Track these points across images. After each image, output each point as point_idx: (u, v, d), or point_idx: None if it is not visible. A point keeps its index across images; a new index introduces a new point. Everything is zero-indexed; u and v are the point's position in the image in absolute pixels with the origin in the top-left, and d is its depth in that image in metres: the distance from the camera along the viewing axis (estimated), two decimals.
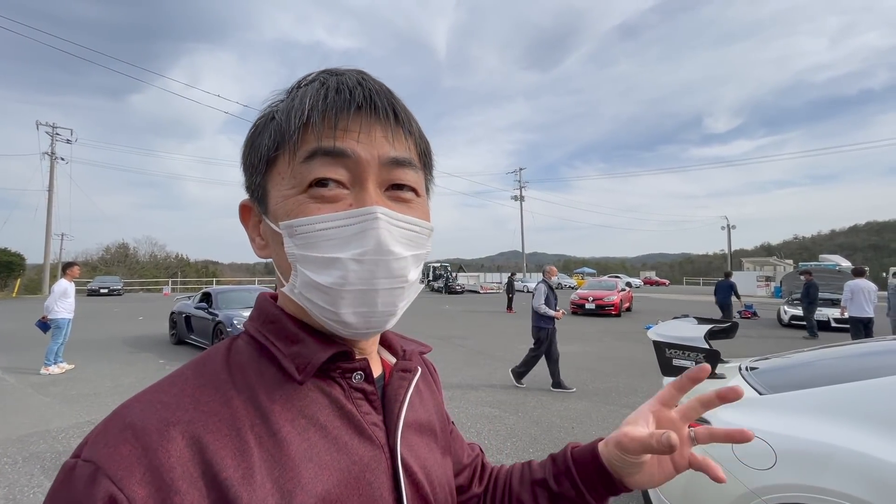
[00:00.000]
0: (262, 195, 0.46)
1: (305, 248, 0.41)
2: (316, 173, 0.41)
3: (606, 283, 18.52)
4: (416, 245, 0.44)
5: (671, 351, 2.50)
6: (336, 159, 0.41)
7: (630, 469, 0.54)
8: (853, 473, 1.69)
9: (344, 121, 0.42)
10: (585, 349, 9.37)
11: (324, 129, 0.42)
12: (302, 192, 0.42)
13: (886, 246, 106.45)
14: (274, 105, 0.47)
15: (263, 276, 61.99)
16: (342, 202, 0.42)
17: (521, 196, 47.58)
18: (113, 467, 0.35)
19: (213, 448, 0.37)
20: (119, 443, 0.36)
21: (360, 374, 0.47)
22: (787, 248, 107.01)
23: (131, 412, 0.38)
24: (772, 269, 32.30)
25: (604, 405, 5.47)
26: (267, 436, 0.40)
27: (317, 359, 0.43)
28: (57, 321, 7.03)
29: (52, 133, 31.03)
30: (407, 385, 0.51)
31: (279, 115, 0.44)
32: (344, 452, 0.43)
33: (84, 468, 0.36)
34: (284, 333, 0.46)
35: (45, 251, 30.76)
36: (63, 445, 4.10)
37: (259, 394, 0.42)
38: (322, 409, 0.44)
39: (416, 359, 0.56)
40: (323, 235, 0.41)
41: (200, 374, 0.43)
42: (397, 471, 0.46)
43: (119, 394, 5.80)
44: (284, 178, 0.43)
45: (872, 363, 2.42)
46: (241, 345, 0.47)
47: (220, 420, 0.39)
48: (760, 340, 10.67)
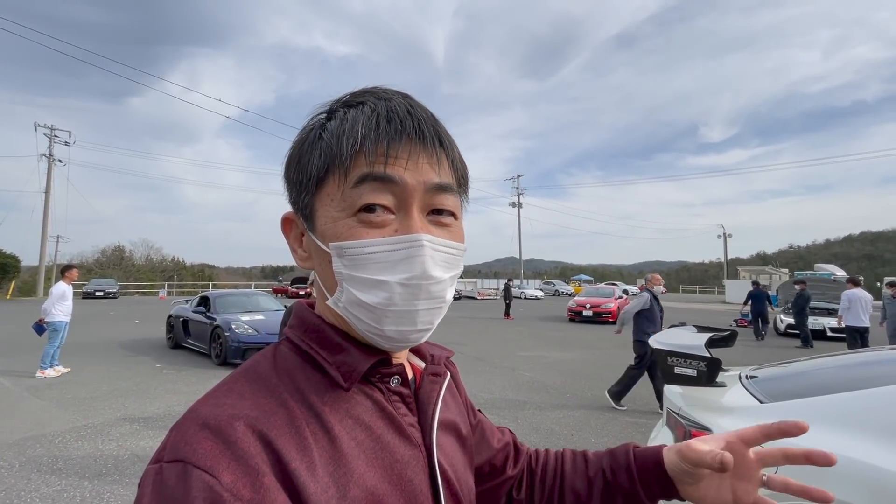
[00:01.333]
0: (310, 213, 0.48)
1: (353, 268, 0.44)
2: (366, 199, 0.43)
3: (603, 291, 18.56)
4: (453, 267, 0.47)
5: (673, 359, 2.52)
6: (385, 185, 0.44)
7: (686, 479, 0.57)
8: (853, 482, 1.71)
9: (394, 149, 0.44)
10: (583, 356, 9.38)
11: (375, 156, 0.44)
12: (351, 216, 0.44)
13: (880, 256, 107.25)
14: (316, 121, 0.49)
15: (259, 280, 61.75)
16: (389, 227, 0.44)
17: (518, 203, 47.73)
18: (201, 460, 0.36)
19: (279, 442, 0.39)
20: (199, 440, 0.38)
21: (397, 378, 0.50)
22: (782, 256, 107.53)
23: (201, 415, 0.40)
24: (767, 277, 32.47)
25: (602, 412, 5.47)
26: (321, 433, 0.42)
27: (361, 367, 0.46)
28: (54, 324, 6.99)
29: (51, 135, 30.99)
30: (438, 388, 0.54)
31: (329, 136, 0.46)
32: (387, 451, 0.46)
33: (172, 468, 0.37)
34: (328, 343, 0.48)
35: (40, 253, 30.60)
36: (60, 450, 4.08)
37: (309, 396, 0.44)
38: (366, 410, 0.47)
39: (443, 363, 0.59)
40: (371, 259, 0.43)
41: (253, 380, 0.45)
42: (434, 469, 0.49)
43: (116, 398, 5.77)
44: (334, 199, 0.45)
45: (871, 373, 2.45)
46: (286, 351, 0.49)
47: (279, 418, 0.41)
48: (758, 349, 10.71)
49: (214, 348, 8.12)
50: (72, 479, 3.50)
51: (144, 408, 5.38)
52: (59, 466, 3.73)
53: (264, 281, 56.63)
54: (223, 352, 7.79)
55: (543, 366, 8.31)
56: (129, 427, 4.69)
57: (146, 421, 4.89)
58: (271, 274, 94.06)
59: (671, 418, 2.53)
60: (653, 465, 0.61)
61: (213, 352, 8.13)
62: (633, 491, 0.62)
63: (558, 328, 14.74)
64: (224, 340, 7.79)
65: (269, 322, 8.13)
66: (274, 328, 7.84)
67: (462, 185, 0.51)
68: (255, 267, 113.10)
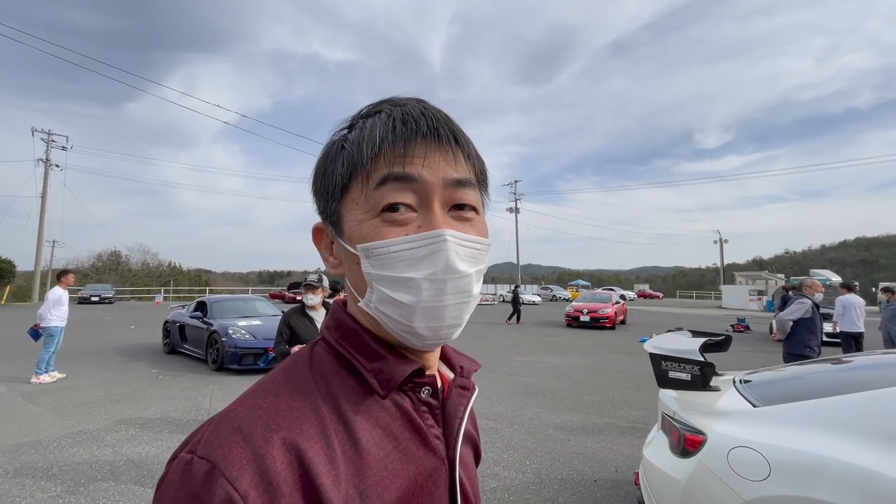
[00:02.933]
0: (337, 219, 0.49)
1: (381, 268, 0.45)
2: (388, 199, 0.45)
3: (601, 296, 18.57)
4: (478, 261, 0.48)
5: (667, 363, 2.54)
6: (405, 184, 0.45)
7: None
8: (846, 485, 1.72)
9: (411, 148, 0.46)
10: (580, 361, 9.39)
11: (394, 157, 0.45)
12: (375, 217, 0.46)
13: (875, 261, 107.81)
14: (338, 135, 0.51)
15: (256, 285, 61.53)
16: (412, 224, 0.46)
17: (516, 208, 47.84)
18: (228, 467, 0.38)
19: (309, 454, 0.40)
20: (231, 444, 0.39)
21: (428, 388, 0.50)
22: (778, 262, 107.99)
23: (238, 416, 0.42)
24: (763, 283, 32.59)
25: (599, 417, 5.48)
26: (349, 443, 0.43)
27: (398, 376, 0.47)
28: (49, 329, 6.95)
29: (48, 140, 30.93)
30: (466, 402, 0.54)
31: (350, 145, 0.48)
32: (412, 463, 0.46)
33: (201, 465, 0.38)
34: (366, 349, 0.49)
35: (36, 258, 30.40)
36: (55, 456, 4.05)
37: (342, 403, 0.45)
38: (395, 420, 0.47)
39: (471, 377, 0.59)
40: (397, 257, 0.45)
41: (290, 381, 0.46)
42: (454, 482, 0.49)
43: (111, 403, 5.75)
44: (358, 203, 0.47)
45: (864, 376, 2.48)
46: (322, 353, 0.50)
47: (311, 427, 0.42)
48: (753, 353, 10.74)
49: (211, 354, 8.08)
50: (67, 485, 3.48)
51: (140, 413, 5.36)
52: (55, 472, 3.71)
53: (261, 286, 56.44)
54: (220, 357, 7.76)
55: (541, 371, 8.31)
56: (125, 433, 4.67)
57: (142, 427, 4.87)
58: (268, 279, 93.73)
59: (666, 422, 2.55)
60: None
61: (210, 357, 8.09)
62: None
63: (556, 333, 14.74)
64: (221, 346, 7.76)
65: (267, 327, 8.11)
66: (270, 333, 7.82)
67: (481, 180, 0.52)
68: (251, 272, 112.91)
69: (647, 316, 23.11)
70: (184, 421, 5.09)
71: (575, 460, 4.13)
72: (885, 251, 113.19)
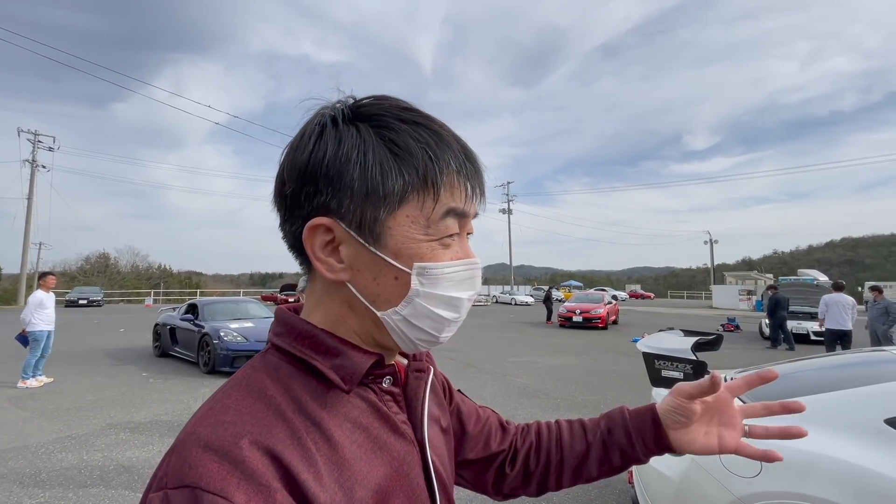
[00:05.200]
0: (380, 229, 0.46)
1: (431, 286, 0.48)
2: (451, 230, 0.49)
3: (593, 297, 18.69)
4: None
5: (660, 362, 2.57)
6: (462, 219, 0.51)
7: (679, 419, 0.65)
8: (836, 481, 1.75)
9: (473, 187, 0.50)
10: (573, 362, 9.43)
11: (463, 191, 0.50)
12: (435, 240, 0.48)
13: (861, 261, 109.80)
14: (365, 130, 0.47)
15: (248, 287, 61.01)
16: (452, 249, 0.50)
17: (509, 209, 47.98)
18: (210, 483, 0.36)
19: (285, 455, 0.40)
20: (205, 463, 0.37)
21: (389, 378, 0.52)
22: (767, 262, 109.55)
23: (201, 436, 0.40)
24: (753, 283, 32.99)
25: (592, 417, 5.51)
26: (322, 441, 0.44)
27: (360, 369, 0.48)
28: (34, 334, 6.82)
29: (34, 140, 30.48)
30: (424, 385, 0.57)
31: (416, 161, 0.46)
32: (385, 450, 0.48)
33: (180, 494, 0.36)
34: (324, 348, 0.48)
35: (21, 261, 29.91)
36: (43, 461, 3.99)
37: (307, 404, 0.45)
38: (362, 412, 0.48)
39: (425, 358, 0.61)
40: (447, 278, 0.49)
41: (249, 393, 0.44)
42: (427, 463, 0.52)
43: (101, 407, 5.66)
44: (416, 223, 0.47)
45: (852, 374, 2.52)
46: (275, 360, 0.49)
47: (281, 431, 0.42)
48: (743, 352, 10.88)
49: (203, 356, 8.00)
50: (55, 491, 3.43)
51: (130, 417, 5.28)
52: (43, 478, 3.65)
53: (253, 288, 55.98)
54: (212, 360, 7.68)
55: (534, 371, 8.34)
56: (115, 437, 4.60)
57: (132, 431, 4.81)
58: (260, 281, 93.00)
59: None
60: (647, 417, 0.68)
61: (202, 360, 8.01)
62: (630, 444, 0.68)
63: (549, 334, 14.80)
64: (213, 348, 7.68)
65: (259, 329, 8.05)
66: (262, 335, 7.77)
67: None
68: (243, 274, 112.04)
69: (639, 316, 23.29)
70: (175, 424, 5.03)
71: None
72: (871, 251, 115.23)
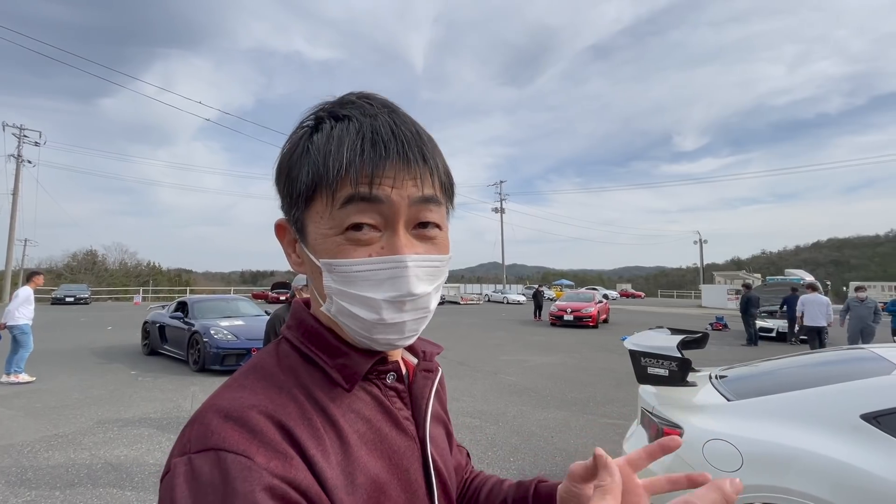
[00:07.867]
0: (301, 227, 0.49)
1: (343, 284, 0.46)
2: (353, 219, 0.45)
3: (584, 295, 18.84)
4: (437, 277, 0.50)
5: (646, 360, 2.61)
6: (371, 204, 0.45)
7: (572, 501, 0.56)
8: (814, 475, 1.81)
9: (379, 170, 0.45)
10: (564, 360, 9.51)
11: (360, 178, 0.45)
12: (339, 234, 0.46)
13: (846, 262, 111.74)
14: (304, 131, 0.49)
15: (239, 285, 60.55)
16: (375, 245, 0.46)
17: (501, 208, 48.08)
18: (233, 445, 0.38)
19: (297, 431, 0.42)
20: (225, 430, 0.40)
21: (392, 374, 0.54)
22: (755, 262, 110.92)
23: (221, 407, 0.42)
24: (741, 282, 33.45)
25: (582, 415, 5.57)
26: (328, 425, 0.45)
27: (360, 369, 0.49)
28: (21, 327, 6.85)
29: (20, 135, 29.92)
30: (431, 384, 0.58)
31: (316, 153, 0.46)
32: (386, 443, 0.49)
33: (204, 457, 0.38)
34: (328, 347, 0.50)
35: (6, 258, 29.40)
36: (29, 460, 3.94)
37: (314, 392, 0.47)
38: (366, 405, 0.50)
39: (434, 360, 0.62)
40: (359, 276, 0.46)
41: (261, 377, 0.47)
42: (427, 459, 0.53)
43: (88, 406, 5.61)
44: (322, 217, 0.47)
45: (832, 371, 2.58)
46: (287, 349, 0.51)
47: (293, 410, 0.44)
48: (730, 350, 11.04)
49: (192, 354, 7.94)
50: (42, 490, 3.40)
51: (119, 415, 5.24)
52: (29, 477, 3.61)
53: (244, 286, 55.55)
54: (201, 358, 7.63)
55: (525, 369, 8.39)
56: (103, 435, 4.56)
57: (121, 429, 4.77)
58: (251, 279, 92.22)
59: (645, 417, 2.62)
60: (546, 496, 0.62)
61: (191, 358, 7.95)
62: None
63: (540, 332, 14.89)
64: (202, 346, 7.63)
65: (249, 328, 8.01)
66: (253, 334, 7.72)
67: (447, 195, 0.52)
68: (233, 272, 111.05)
69: (630, 315, 23.50)
70: (164, 422, 5.00)
71: (558, 457, 4.20)
72: (856, 252, 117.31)
